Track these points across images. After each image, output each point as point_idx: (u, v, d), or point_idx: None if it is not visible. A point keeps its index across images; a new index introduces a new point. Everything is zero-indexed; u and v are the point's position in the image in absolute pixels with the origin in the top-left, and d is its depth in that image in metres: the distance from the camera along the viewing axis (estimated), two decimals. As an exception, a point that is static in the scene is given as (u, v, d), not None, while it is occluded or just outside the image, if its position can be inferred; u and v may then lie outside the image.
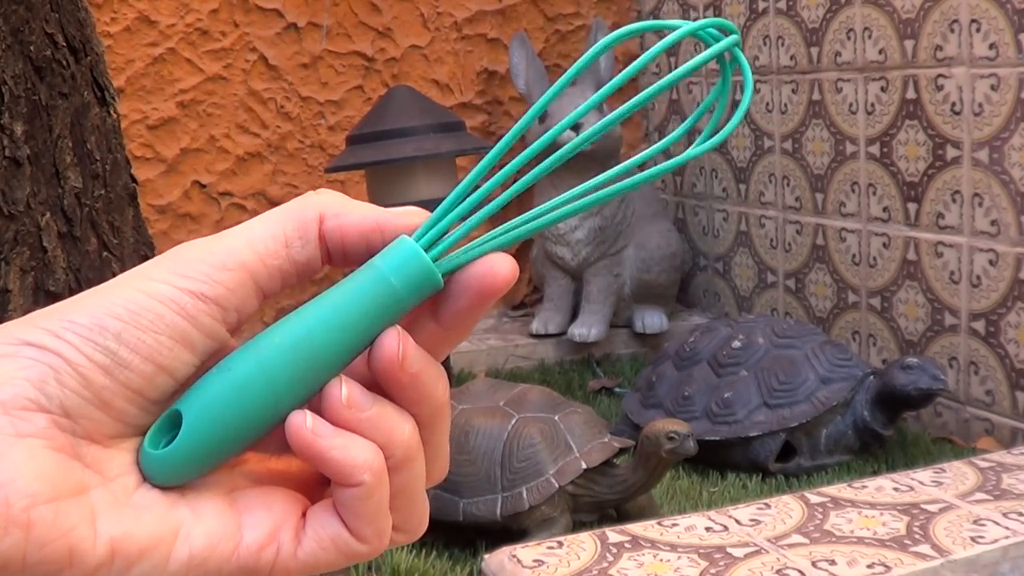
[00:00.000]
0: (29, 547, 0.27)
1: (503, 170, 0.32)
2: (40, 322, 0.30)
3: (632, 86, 1.98)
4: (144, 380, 0.30)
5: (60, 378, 0.29)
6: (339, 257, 0.33)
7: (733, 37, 0.33)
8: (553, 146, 0.32)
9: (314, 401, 0.31)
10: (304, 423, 0.31)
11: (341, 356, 0.31)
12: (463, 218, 0.32)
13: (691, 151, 0.33)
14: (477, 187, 0.33)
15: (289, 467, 0.34)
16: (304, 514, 0.32)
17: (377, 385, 0.32)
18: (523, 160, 0.32)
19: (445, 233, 0.32)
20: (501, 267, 0.32)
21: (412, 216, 0.33)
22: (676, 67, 0.33)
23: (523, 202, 1.82)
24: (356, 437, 0.31)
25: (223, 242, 0.32)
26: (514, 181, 0.33)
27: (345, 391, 0.31)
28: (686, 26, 0.32)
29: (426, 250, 0.32)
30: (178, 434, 0.30)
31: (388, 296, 0.31)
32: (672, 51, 1.99)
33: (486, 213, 0.32)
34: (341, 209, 0.33)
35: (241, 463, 0.33)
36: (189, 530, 0.30)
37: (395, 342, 0.31)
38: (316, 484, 0.34)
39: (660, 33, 0.33)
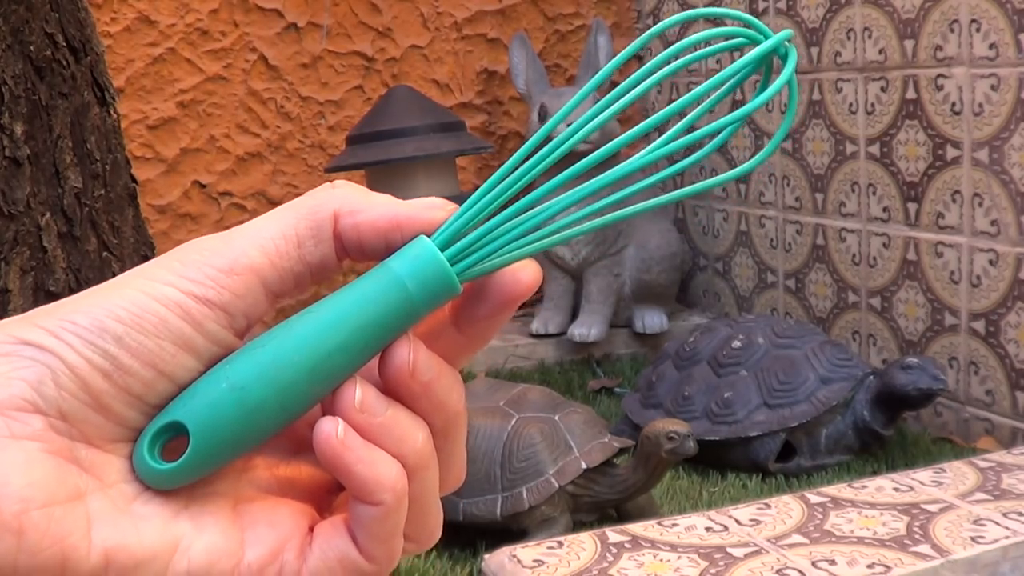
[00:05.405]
0: (21, 554, 0.26)
1: (525, 167, 0.30)
2: (39, 321, 0.28)
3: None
4: (144, 385, 0.29)
5: (58, 380, 0.28)
6: (357, 254, 0.31)
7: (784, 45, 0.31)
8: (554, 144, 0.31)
9: (326, 402, 0.30)
10: (334, 432, 0.29)
11: (352, 363, 0.30)
12: (486, 218, 0.30)
13: (730, 173, 0.31)
14: (503, 185, 0.31)
15: (298, 474, 0.33)
16: (311, 528, 0.31)
17: (391, 390, 0.31)
18: (543, 159, 0.31)
19: (467, 232, 0.30)
20: (524, 273, 0.31)
21: (433, 210, 0.31)
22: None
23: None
24: (384, 454, 0.30)
25: (232, 243, 0.30)
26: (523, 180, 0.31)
27: (359, 394, 0.30)
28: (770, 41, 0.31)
29: (445, 249, 0.30)
30: (184, 453, 0.29)
31: (402, 301, 0.30)
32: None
33: (510, 214, 0.31)
34: (357, 206, 0.31)
35: (249, 470, 0.32)
36: (189, 544, 0.29)
37: (406, 351, 0.30)
38: (324, 494, 0.33)
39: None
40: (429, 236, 0.30)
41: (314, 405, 0.30)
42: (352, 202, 0.31)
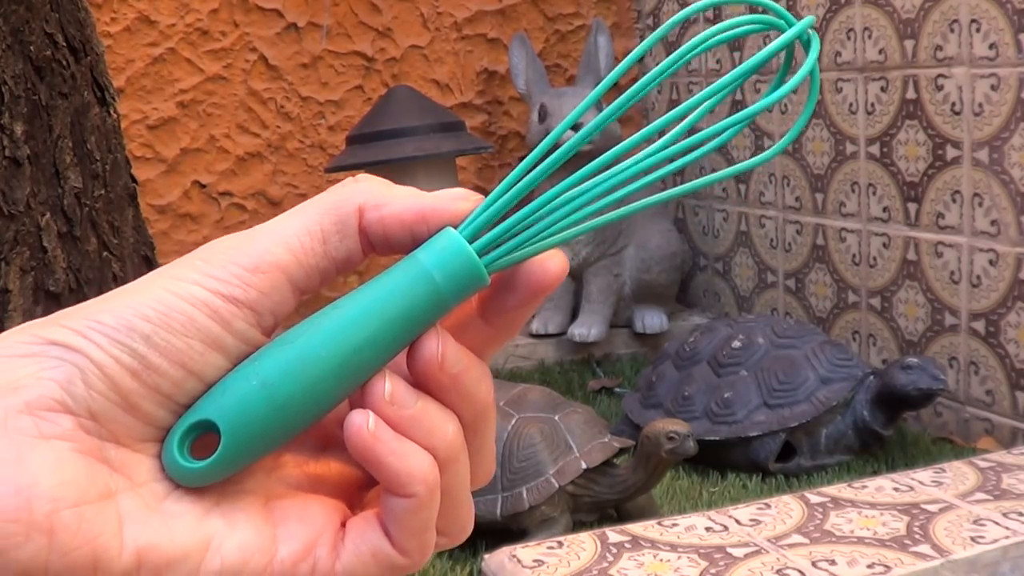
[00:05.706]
0: (52, 555, 0.26)
1: (552, 159, 0.30)
2: (66, 321, 0.28)
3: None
4: (173, 384, 0.28)
5: (87, 379, 0.27)
6: (383, 248, 0.31)
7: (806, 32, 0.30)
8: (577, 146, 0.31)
9: (355, 396, 0.30)
10: (365, 424, 0.29)
11: (380, 357, 0.30)
12: (513, 209, 0.30)
13: (743, 164, 0.31)
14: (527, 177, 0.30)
15: (328, 471, 0.33)
16: (343, 524, 0.31)
17: (420, 383, 0.30)
18: (571, 149, 0.31)
19: (495, 223, 0.30)
20: (552, 263, 0.31)
21: (459, 202, 0.30)
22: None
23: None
24: (415, 446, 0.29)
25: (256, 241, 0.30)
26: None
27: (389, 387, 0.29)
28: (795, 28, 0.30)
29: (472, 241, 0.30)
30: (214, 451, 0.29)
31: (430, 294, 0.29)
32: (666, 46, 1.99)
33: (537, 205, 0.30)
34: (382, 199, 0.30)
35: (278, 467, 0.32)
36: (221, 541, 0.29)
37: (434, 343, 0.30)
38: (355, 490, 0.33)
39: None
40: (455, 228, 0.30)
41: (343, 400, 0.30)
42: (377, 196, 0.31)
